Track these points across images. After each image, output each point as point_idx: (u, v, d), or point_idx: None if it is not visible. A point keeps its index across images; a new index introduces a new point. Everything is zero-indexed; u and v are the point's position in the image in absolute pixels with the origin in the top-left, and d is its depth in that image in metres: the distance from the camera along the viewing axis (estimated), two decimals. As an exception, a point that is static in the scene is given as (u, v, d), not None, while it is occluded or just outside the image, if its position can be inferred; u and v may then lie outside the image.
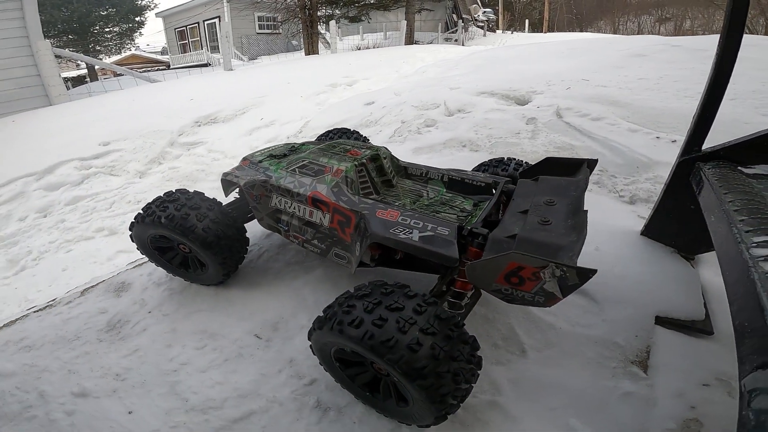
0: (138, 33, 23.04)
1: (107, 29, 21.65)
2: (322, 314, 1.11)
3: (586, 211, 1.18)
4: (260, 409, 1.28)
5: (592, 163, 1.41)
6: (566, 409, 1.19)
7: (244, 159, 1.90)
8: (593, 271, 0.88)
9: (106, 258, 3.16)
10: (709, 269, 1.79)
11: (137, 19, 22.46)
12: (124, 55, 23.22)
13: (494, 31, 20.50)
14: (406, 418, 1.12)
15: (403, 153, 3.05)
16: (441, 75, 6.71)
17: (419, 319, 0.96)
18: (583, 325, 1.44)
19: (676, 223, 1.89)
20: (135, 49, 24.05)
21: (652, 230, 1.93)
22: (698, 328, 1.45)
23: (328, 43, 14.57)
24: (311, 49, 13.70)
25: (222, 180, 1.88)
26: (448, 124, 3.48)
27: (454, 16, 19.20)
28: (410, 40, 15.23)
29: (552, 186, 1.34)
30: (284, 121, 5.76)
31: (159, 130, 5.29)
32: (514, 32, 21.25)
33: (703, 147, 1.79)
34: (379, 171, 1.68)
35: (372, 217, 1.32)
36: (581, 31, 25.58)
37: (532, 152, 2.75)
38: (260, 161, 1.81)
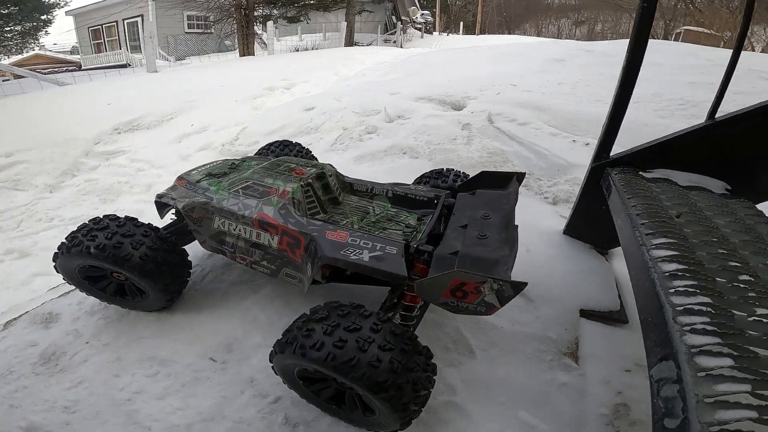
0: (44, 32, 20.65)
1: (8, 28, 19.16)
2: (282, 338, 1.14)
3: (517, 226, 1.31)
4: (228, 431, 1.27)
5: (520, 177, 1.56)
6: (514, 403, 1.33)
7: (180, 178, 1.83)
8: (524, 284, 1.00)
9: (19, 282, 2.87)
10: (621, 262, 2.04)
11: (43, 17, 20.09)
12: (26, 54, 20.71)
13: (431, 33, 21.24)
14: (373, 426, 1.20)
15: (345, 162, 3.09)
16: (380, 79, 6.82)
17: (376, 337, 1.03)
18: (521, 323, 1.59)
19: (592, 222, 2.13)
20: (39, 49, 21.52)
21: (572, 229, 2.16)
22: (615, 318, 1.67)
23: (264, 43, 14.17)
24: (247, 50, 13.28)
25: (156, 202, 1.79)
26: (388, 130, 3.57)
27: (394, 17, 19.61)
28: (350, 42, 15.27)
29: (487, 199, 1.47)
30: (218, 127, 5.54)
31: (71, 139, 4.84)
32: (450, 34, 22.14)
33: (611, 153, 2.03)
34: (325, 189, 1.70)
35: (322, 239, 1.36)
36: (509, 33, 27.32)
37: (467, 158, 2.93)
38: (198, 181, 1.75)
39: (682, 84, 5.25)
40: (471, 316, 1.62)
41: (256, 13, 14.00)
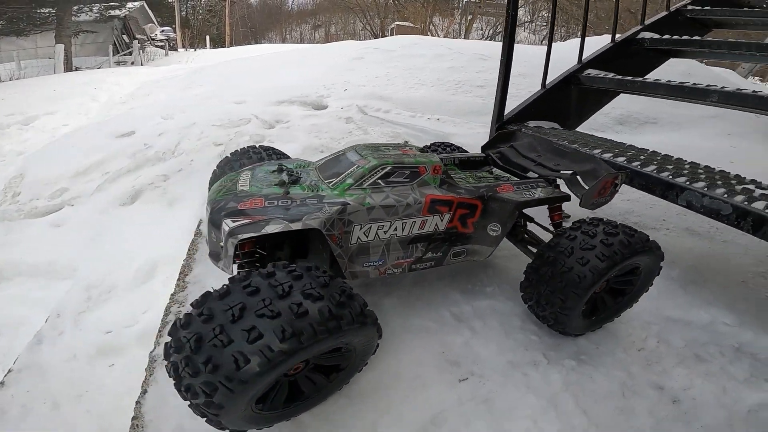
0: None
1: None
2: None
3: (575, 149, 1.82)
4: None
5: (524, 128, 2.04)
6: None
7: (239, 199, 1.34)
8: (630, 169, 1.58)
9: None
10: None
11: None
12: None
13: (176, 50, 19.27)
14: None
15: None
16: (186, 94, 6.12)
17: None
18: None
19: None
20: None
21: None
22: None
23: None
24: None
25: (235, 245, 1.23)
26: (278, 136, 3.49)
27: (125, 37, 16.85)
28: (69, 67, 12.54)
29: (524, 147, 1.90)
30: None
31: None
32: (198, 49, 20.63)
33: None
34: None
35: (497, 194, 1.54)
36: (257, 43, 27.58)
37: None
38: (287, 192, 1.37)
39: (447, 69, 6.62)
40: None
41: None
